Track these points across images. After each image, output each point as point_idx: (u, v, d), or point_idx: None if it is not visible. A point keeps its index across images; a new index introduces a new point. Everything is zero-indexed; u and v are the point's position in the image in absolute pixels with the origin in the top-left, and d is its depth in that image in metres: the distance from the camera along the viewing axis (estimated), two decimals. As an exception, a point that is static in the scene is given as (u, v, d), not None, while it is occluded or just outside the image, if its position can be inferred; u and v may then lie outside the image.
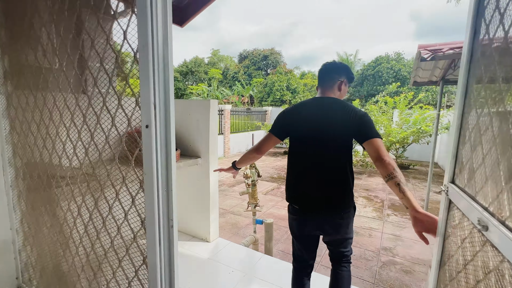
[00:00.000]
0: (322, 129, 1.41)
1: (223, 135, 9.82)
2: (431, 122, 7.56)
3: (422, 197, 5.75)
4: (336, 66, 1.55)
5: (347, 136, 1.41)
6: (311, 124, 1.43)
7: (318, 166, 1.44)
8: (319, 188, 1.45)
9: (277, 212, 4.48)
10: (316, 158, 1.44)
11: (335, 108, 1.43)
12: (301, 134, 1.48)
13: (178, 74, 37.85)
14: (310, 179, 1.46)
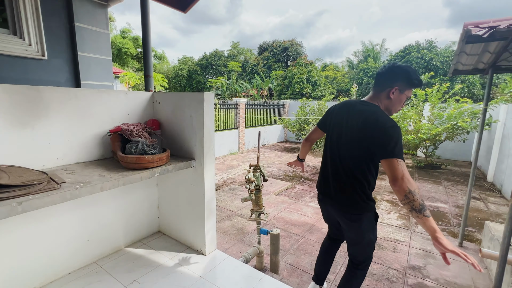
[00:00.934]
0: (343, 134, 1.52)
1: (238, 130, 9.51)
2: (469, 117, 6.68)
3: (457, 202, 5.06)
4: (391, 70, 1.47)
5: (365, 146, 1.42)
6: (336, 126, 1.57)
7: (334, 167, 1.60)
8: (334, 187, 1.62)
9: (288, 217, 4.09)
10: (333, 160, 1.60)
11: (363, 116, 1.44)
12: (329, 133, 1.66)
13: (198, 68, 38.18)
14: (328, 177, 1.66)
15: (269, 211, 4.26)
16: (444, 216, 4.40)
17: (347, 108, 1.55)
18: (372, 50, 27.03)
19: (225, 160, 8.18)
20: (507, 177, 5.53)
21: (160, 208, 2.69)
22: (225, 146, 8.99)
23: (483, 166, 7.49)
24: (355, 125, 1.44)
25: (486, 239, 3.03)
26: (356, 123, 1.43)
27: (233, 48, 41.01)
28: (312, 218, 4.07)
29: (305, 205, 4.60)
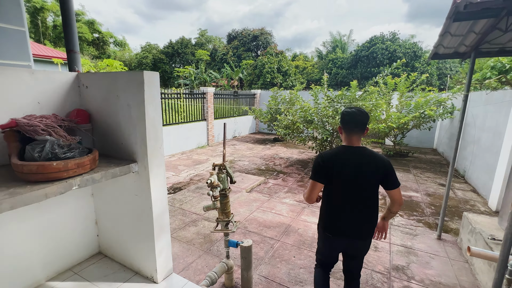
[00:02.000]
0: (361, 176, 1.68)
1: (206, 122, 8.86)
2: (434, 106, 6.83)
3: (428, 190, 5.09)
4: (366, 114, 1.71)
5: (377, 181, 1.70)
6: (352, 172, 1.68)
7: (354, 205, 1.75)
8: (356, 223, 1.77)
9: (261, 217, 3.70)
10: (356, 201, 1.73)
11: (370, 159, 1.68)
12: (344, 179, 1.70)
13: (164, 56, 35.97)
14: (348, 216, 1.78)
15: (240, 212, 3.83)
16: (418, 206, 4.36)
17: (352, 156, 1.73)
18: (340, 41, 27.52)
19: (192, 155, 7.55)
20: (470, 163, 5.72)
21: (99, 223, 2.10)
22: (192, 140, 8.32)
23: (445, 153, 7.82)
24: (369, 171, 1.70)
25: (465, 231, 2.93)
26: (369, 166, 1.70)
27: (201, 36, 39.15)
28: (288, 217, 3.73)
29: (279, 202, 4.25)
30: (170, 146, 7.51)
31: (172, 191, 4.74)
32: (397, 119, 6.88)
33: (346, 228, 1.72)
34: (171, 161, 6.81)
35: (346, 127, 1.72)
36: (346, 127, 1.72)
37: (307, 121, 6.23)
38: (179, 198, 4.27)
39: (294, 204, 4.26)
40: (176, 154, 7.54)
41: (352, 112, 1.70)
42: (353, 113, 1.69)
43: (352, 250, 1.81)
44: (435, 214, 4.07)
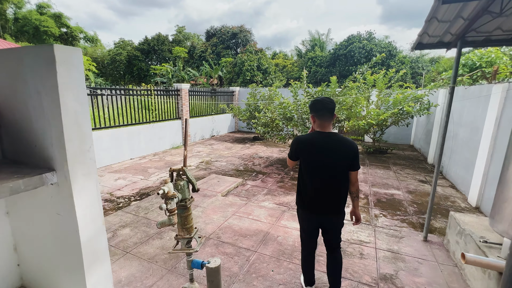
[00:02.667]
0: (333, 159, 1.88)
1: (181, 120, 8.33)
2: (412, 102, 6.84)
3: (409, 187, 4.99)
4: (333, 101, 1.91)
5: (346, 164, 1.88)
6: (324, 155, 1.86)
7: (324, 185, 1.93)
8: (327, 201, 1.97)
9: (237, 225, 3.34)
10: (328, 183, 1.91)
11: (340, 144, 1.86)
12: (316, 161, 1.89)
13: (139, 53, 34.39)
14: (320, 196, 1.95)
15: (214, 219, 3.44)
16: (400, 205, 4.21)
17: (324, 142, 1.89)
18: (319, 39, 27.74)
19: (166, 156, 7.01)
20: (447, 159, 5.74)
21: (19, 250, 1.62)
22: (166, 140, 7.76)
23: (422, 149, 7.91)
24: (339, 155, 1.88)
25: (453, 232, 2.76)
26: (340, 154, 1.88)
27: (178, 32, 37.89)
28: (266, 223, 3.40)
29: (257, 207, 3.91)
30: (141, 147, 6.91)
31: (138, 197, 4.24)
32: (376, 116, 6.80)
33: (316, 206, 1.93)
34: (141, 163, 6.24)
35: (318, 114, 1.87)
36: (319, 114, 1.87)
37: (286, 118, 5.95)
38: (144, 206, 3.79)
39: (274, 207, 3.95)
40: (148, 156, 6.96)
41: (323, 99, 1.87)
42: (324, 100, 1.86)
43: (325, 225, 2.00)
44: (418, 213, 3.93)
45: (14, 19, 31.55)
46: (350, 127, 6.71)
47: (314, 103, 1.88)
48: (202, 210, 3.68)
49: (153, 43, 34.90)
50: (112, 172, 5.55)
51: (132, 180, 5.08)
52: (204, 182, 4.88)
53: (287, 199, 4.32)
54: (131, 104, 6.70)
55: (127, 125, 6.50)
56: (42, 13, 31.88)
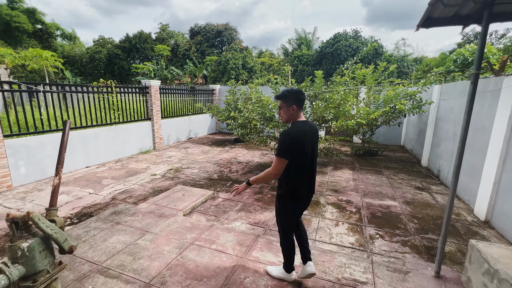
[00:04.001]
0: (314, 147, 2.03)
1: (151, 121, 7.40)
2: (404, 99, 6.24)
3: (405, 197, 4.34)
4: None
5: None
6: (310, 143, 1.96)
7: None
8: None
9: (194, 260, 2.53)
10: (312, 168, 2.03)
11: (315, 129, 2.05)
12: (307, 151, 1.93)
13: (120, 51, 32.86)
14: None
15: (164, 252, 2.60)
16: (399, 221, 3.53)
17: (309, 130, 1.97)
18: (305, 38, 27.27)
19: (130, 163, 6.09)
20: (445, 162, 5.16)
21: None
22: (132, 144, 6.82)
23: (415, 150, 7.36)
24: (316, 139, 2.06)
25: (477, 269, 2.07)
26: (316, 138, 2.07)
27: (162, 30, 36.54)
28: (233, 255, 2.61)
29: (225, 230, 3.11)
30: (100, 153, 5.96)
31: (76, 219, 3.34)
32: (366, 115, 6.17)
33: (310, 191, 2.07)
34: (96, 172, 5.30)
35: (300, 104, 1.95)
36: (301, 104, 1.95)
37: (266, 118, 5.18)
38: (77, 234, 2.91)
39: (246, 230, 3.17)
40: (108, 163, 6.01)
41: (301, 90, 1.97)
42: (302, 91, 1.97)
43: (306, 206, 2.13)
44: (421, 232, 3.26)
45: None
46: (338, 128, 6.04)
47: (299, 94, 1.92)
48: (151, 238, 2.84)
49: (135, 41, 33.45)
50: (57, 184, 4.59)
51: (78, 195, 4.16)
52: (165, 197, 4.03)
53: (265, 217, 3.55)
54: (90, 104, 5.73)
55: (80, 128, 5.53)
56: (13, 8, 29.75)
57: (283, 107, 1.93)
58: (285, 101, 1.91)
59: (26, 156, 4.57)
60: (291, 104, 1.89)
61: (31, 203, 3.84)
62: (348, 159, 6.84)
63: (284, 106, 1.91)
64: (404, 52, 25.70)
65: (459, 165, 2.10)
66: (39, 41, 30.91)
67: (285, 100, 1.90)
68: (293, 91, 1.91)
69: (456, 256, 2.77)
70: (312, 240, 3.01)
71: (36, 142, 4.69)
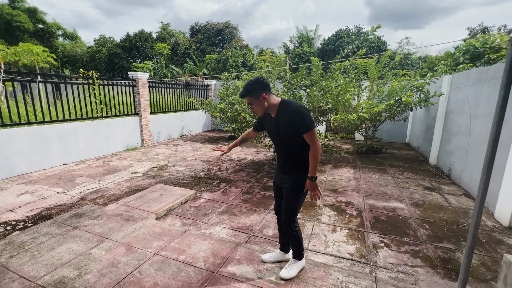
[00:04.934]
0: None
1: (139, 116, 6.95)
2: (412, 92, 5.71)
3: (413, 198, 3.82)
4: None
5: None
6: None
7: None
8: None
9: (154, 276, 2.04)
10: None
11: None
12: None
13: (121, 50, 32.66)
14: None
15: (120, 265, 2.12)
16: (407, 225, 3.02)
17: None
18: (307, 36, 26.78)
19: (112, 160, 5.63)
20: (457, 159, 4.62)
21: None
22: (116, 140, 6.37)
23: (422, 148, 6.82)
24: None
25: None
26: None
27: (163, 29, 36.31)
28: (203, 269, 2.12)
29: (200, 237, 2.63)
30: (80, 150, 5.51)
31: (31, 222, 2.88)
32: (369, 108, 5.65)
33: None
34: (73, 170, 4.85)
35: (267, 89, 1.81)
36: (267, 88, 1.81)
37: None
38: (21, 241, 2.44)
39: (226, 237, 2.68)
40: (89, 160, 5.56)
41: (260, 77, 1.81)
42: (261, 77, 1.81)
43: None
44: (434, 239, 2.74)
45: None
46: (338, 123, 5.53)
47: (259, 81, 1.79)
48: (109, 247, 2.36)
49: (136, 40, 33.24)
50: (25, 183, 4.14)
51: (44, 195, 3.70)
52: (139, 197, 3.55)
53: (251, 221, 3.06)
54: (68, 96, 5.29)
55: (56, 121, 5.08)
56: (14, 7, 29.65)
57: (254, 102, 1.80)
58: (251, 95, 1.78)
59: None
60: (259, 95, 1.77)
61: (-13, 203, 3.39)
62: (349, 157, 6.32)
63: (254, 99, 1.79)
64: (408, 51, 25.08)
65: (489, 168, 1.57)
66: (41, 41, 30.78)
67: (251, 94, 1.78)
68: (252, 82, 1.78)
69: (479, 271, 2.26)
70: (305, 250, 2.51)
71: (2, 136, 4.25)
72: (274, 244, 2.60)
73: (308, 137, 1.75)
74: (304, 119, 1.71)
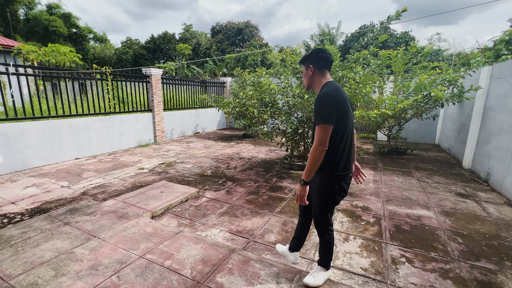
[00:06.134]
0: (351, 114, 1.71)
1: (152, 113, 6.92)
2: (442, 86, 5.08)
3: (443, 204, 3.32)
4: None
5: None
6: (349, 106, 1.63)
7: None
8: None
9: (138, 286, 1.83)
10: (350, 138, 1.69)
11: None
12: (348, 115, 1.61)
13: (145, 51, 33.92)
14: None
15: (99, 270, 1.93)
16: (435, 238, 2.56)
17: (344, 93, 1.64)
18: (328, 33, 25.94)
19: (123, 155, 5.61)
20: (498, 162, 3.99)
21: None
22: (129, 136, 6.37)
23: (454, 149, 6.11)
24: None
25: None
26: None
27: (185, 31, 37.18)
28: (189, 278, 1.87)
29: (193, 240, 2.38)
30: (93, 145, 5.55)
31: (28, 216, 2.81)
32: (393, 105, 5.12)
33: (350, 163, 1.69)
34: (82, 165, 4.86)
35: (321, 64, 1.66)
36: (322, 63, 1.67)
37: (264, 103, 4.39)
38: (10, 235, 2.35)
39: (220, 242, 2.42)
40: (100, 155, 5.58)
41: (324, 48, 1.71)
42: (325, 49, 1.70)
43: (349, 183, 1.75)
44: (470, 256, 2.28)
45: (25, 19, 31.72)
46: (356, 119, 5.07)
47: (318, 52, 1.66)
48: (94, 247, 2.19)
49: (159, 42, 34.34)
50: (35, 176, 4.18)
51: (48, 188, 3.69)
52: (139, 194, 3.40)
53: (253, 224, 2.77)
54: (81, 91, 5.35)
55: (67, 116, 5.13)
56: (52, 13, 31.85)
57: (303, 72, 1.73)
58: (303, 63, 1.72)
59: (4, 144, 4.22)
60: (308, 65, 1.67)
61: (-6, 195, 3.41)
62: (369, 158, 5.81)
63: (304, 68, 1.72)
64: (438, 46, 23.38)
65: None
66: (74, 44, 32.80)
67: (304, 62, 1.71)
68: (313, 50, 1.68)
69: (531, 301, 1.79)
70: (309, 261, 2.18)
71: (15, 129, 4.33)
72: (275, 252, 2.29)
73: (316, 131, 1.51)
74: (320, 109, 1.50)
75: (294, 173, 4.59)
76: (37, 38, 30.66)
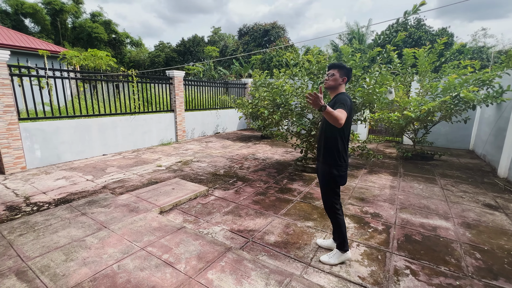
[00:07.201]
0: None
1: (174, 113, 7.24)
2: (474, 87, 4.65)
3: (465, 216, 3.05)
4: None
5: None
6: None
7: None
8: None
9: (132, 274, 1.94)
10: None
11: None
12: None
13: (176, 54, 35.52)
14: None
15: (105, 255, 2.09)
16: (448, 251, 2.37)
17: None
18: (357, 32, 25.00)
19: (145, 153, 5.95)
20: (537, 172, 3.56)
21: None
22: (152, 135, 6.74)
23: (489, 156, 5.56)
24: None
25: None
26: None
27: (214, 33, 38.28)
28: (182, 272, 1.95)
29: (193, 236, 2.47)
30: (118, 143, 5.96)
31: (54, 205, 3.12)
32: (417, 106, 4.81)
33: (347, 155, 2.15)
34: (108, 161, 5.25)
35: (348, 81, 2.15)
36: (348, 80, 2.16)
37: (276, 105, 4.38)
38: (35, 221, 2.63)
39: (219, 240, 2.47)
40: (124, 153, 5.98)
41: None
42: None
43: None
44: (487, 274, 2.07)
45: (72, 27, 34.87)
46: (375, 123, 4.85)
47: (352, 71, 2.32)
48: (103, 236, 2.37)
49: (189, 44, 35.70)
50: (66, 169, 4.61)
51: (75, 181, 4.05)
52: (152, 190, 3.59)
53: (255, 224, 2.79)
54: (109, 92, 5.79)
55: (97, 116, 5.57)
56: (94, 21, 34.74)
57: (335, 76, 2.07)
58: (340, 70, 2.07)
59: (41, 140, 4.71)
60: (343, 75, 2.07)
61: (30, 185, 3.83)
62: (390, 162, 5.51)
63: (338, 74, 2.07)
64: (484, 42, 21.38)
65: None
66: (113, 48, 35.45)
67: (341, 69, 2.07)
68: (350, 68, 2.12)
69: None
70: (305, 265, 2.14)
71: (51, 127, 4.81)
72: (272, 253, 2.29)
73: (339, 110, 1.84)
74: (344, 102, 1.92)
75: (307, 175, 4.51)
76: (81, 44, 33.57)
